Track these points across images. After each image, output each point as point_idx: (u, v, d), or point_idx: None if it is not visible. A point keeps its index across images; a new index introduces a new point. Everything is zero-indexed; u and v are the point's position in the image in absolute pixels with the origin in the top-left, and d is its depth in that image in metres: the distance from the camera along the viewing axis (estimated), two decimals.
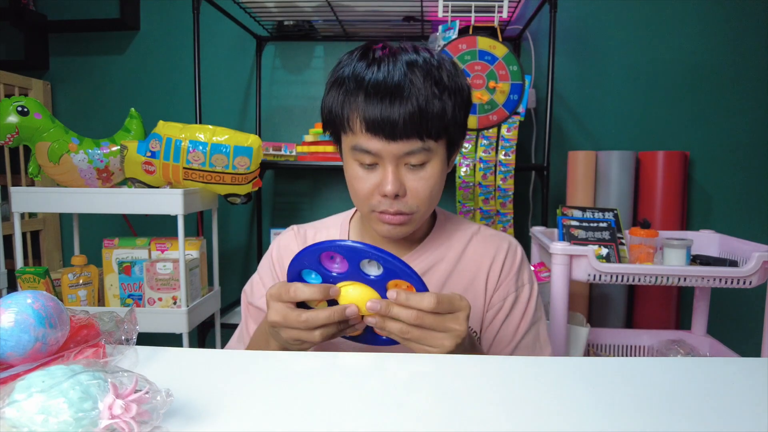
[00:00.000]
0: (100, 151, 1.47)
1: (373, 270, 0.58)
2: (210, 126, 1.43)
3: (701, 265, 1.29)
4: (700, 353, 1.52)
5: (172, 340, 1.26)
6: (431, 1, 1.63)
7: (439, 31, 1.65)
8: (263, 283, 0.81)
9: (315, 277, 0.61)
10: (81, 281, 1.43)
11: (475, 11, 1.61)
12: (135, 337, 0.54)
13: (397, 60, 0.65)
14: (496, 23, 1.64)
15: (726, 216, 1.91)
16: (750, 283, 1.22)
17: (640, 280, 1.25)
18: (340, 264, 0.59)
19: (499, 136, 1.60)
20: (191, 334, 1.48)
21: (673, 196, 1.76)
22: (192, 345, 1.69)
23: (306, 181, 2.07)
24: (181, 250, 1.39)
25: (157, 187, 1.46)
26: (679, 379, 0.50)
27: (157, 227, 1.74)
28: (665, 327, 1.76)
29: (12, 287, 1.61)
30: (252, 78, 2.03)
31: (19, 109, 1.36)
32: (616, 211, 1.46)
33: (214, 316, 1.68)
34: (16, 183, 1.88)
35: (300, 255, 0.58)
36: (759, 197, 1.90)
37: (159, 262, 1.41)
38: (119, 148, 1.46)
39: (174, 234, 1.42)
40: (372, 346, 0.65)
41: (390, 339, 0.60)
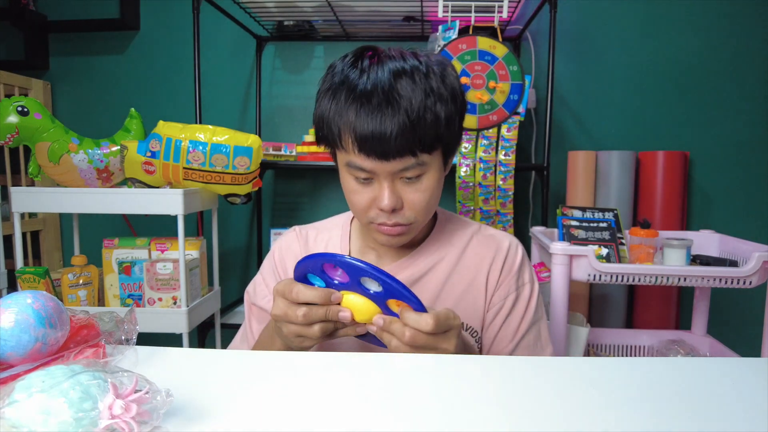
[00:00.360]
0: (100, 151, 1.47)
1: (374, 286, 0.58)
2: (210, 126, 1.43)
3: (701, 265, 1.29)
4: (700, 353, 1.52)
5: (172, 340, 1.25)
6: (431, 1, 1.63)
7: (439, 31, 1.65)
8: (266, 283, 0.82)
9: (319, 281, 0.62)
10: (81, 281, 1.43)
11: (475, 11, 1.61)
12: (135, 337, 0.54)
13: (385, 72, 0.63)
14: (496, 23, 1.64)
15: (726, 216, 1.91)
16: (750, 283, 1.22)
17: (640, 280, 1.25)
18: (341, 275, 0.60)
19: (499, 136, 1.60)
20: (191, 334, 1.48)
21: (673, 196, 1.76)
22: (192, 345, 1.69)
23: (306, 181, 2.07)
24: (181, 250, 1.39)
25: (157, 187, 1.46)
26: (679, 379, 0.50)
27: (157, 227, 1.74)
28: (665, 327, 1.76)
29: (12, 287, 1.61)
30: (252, 78, 2.03)
31: (19, 109, 1.36)
32: (616, 211, 1.46)
33: (214, 316, 1.68)
34: (16, 183, 1.88)
35: (304, 261, 0.59)
36: (759, 197, 1.90)
37: (159, 262, 1.41)
38: (119, 148, 1.46)
39: (174, 234, 1.42)
40: (372, 346, 0.66)
41: None
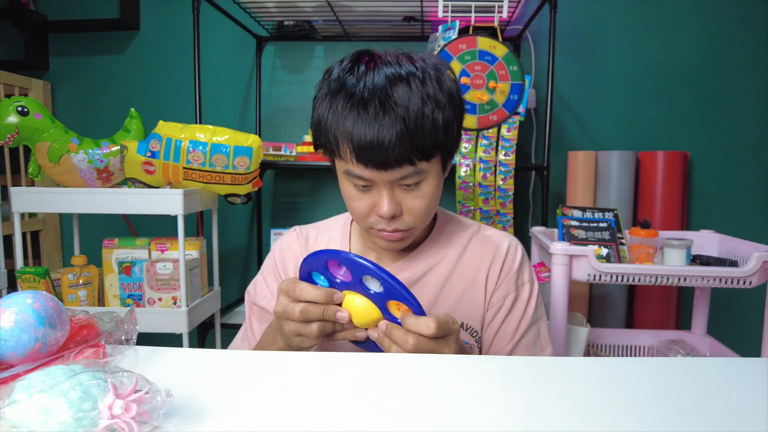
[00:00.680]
0: (100, 151, 1.47)
1: (375, 286, 0.58)
2: (210, 126, 1.43)
3: (701, 265, 1.29)
4: (700, 353, 1.52)
5: (172, 340, 1.25)
6: (431, 1, 1.63)
7: (439, 31, 1.65)
8: (266, 283, 0.83)
9: (323, 280, 0.62)
10: (81, 281, 1.43)
11: (475, 11, 1.61)
12: (135, 337, 0.53)
13: (382, 79, 0.63)
14: (496, 23, 1.64)
15: (726, 216, 1.91)
16: (750, 283, 1.22)
17: (640, 280, 1.25)
18: (344, 273, 0.60)
19: (499, 136, 1.60)
20: (191, 334, 1.48)
21: (673, 196, 1.76)
22: (192, 345, 1.69)
23: (306, 181, 2.07)
24: (181, 250, 1.39)
25: (157, 187, 1.46)
26: (679, 379, 0.50)
27: (157, 227, 1.74)
28: (665, 327, 1.76)
29: (12, 287, 1.61)
30: (252, 78, 2.03)
31: (19, 109, 1.36)
32: (616, 211, 1.46)
33: (214, 316, 1.68)
34: (16, 183, 1.88)
35: (309, 258, 0.60)
36: (759, 197, 1.90)
37: (159, 262, 1.41)
38: (119, 148, 1.46)
39: (174, 234, 1.42)
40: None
41: None
